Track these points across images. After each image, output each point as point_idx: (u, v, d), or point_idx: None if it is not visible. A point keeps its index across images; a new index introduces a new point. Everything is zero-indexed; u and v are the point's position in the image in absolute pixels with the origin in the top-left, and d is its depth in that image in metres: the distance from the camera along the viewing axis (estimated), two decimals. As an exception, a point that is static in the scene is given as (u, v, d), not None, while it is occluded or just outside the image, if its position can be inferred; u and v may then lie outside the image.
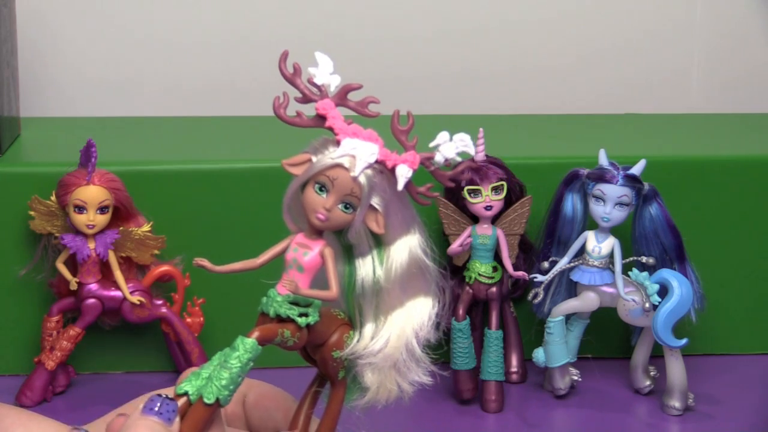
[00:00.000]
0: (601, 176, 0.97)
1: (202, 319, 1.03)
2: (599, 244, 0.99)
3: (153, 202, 1.03)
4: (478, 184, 0.98)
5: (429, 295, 0.58)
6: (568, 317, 1.01)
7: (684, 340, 0.97)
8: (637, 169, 0.98)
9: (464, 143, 0.55)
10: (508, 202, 1.01)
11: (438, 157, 0.56)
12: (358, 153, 0.54)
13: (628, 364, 1.04)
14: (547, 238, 1.02)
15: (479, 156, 0.99)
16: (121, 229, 1.00)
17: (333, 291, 0.55)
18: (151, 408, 0.52)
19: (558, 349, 1.00)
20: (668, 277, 0.97)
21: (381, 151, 0.55)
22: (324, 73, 0.56)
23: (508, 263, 1.00)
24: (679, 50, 1.43)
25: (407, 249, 0.57)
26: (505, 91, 1.40)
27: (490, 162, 0.99)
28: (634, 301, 0.98)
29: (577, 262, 1.00)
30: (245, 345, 0.54)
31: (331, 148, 0.55)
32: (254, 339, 0.54)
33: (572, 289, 1.02)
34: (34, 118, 1.25)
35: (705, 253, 1.07)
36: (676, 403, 0.98)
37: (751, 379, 1.07)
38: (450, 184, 0.57)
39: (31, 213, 0.99)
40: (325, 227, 0.56)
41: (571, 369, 1.02)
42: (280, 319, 0.56)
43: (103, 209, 0.97)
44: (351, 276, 0.57)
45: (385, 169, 0.55)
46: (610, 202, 0.97)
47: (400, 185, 0.55)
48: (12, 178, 1.03)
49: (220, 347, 0.56)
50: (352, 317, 0.59)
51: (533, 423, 0.98)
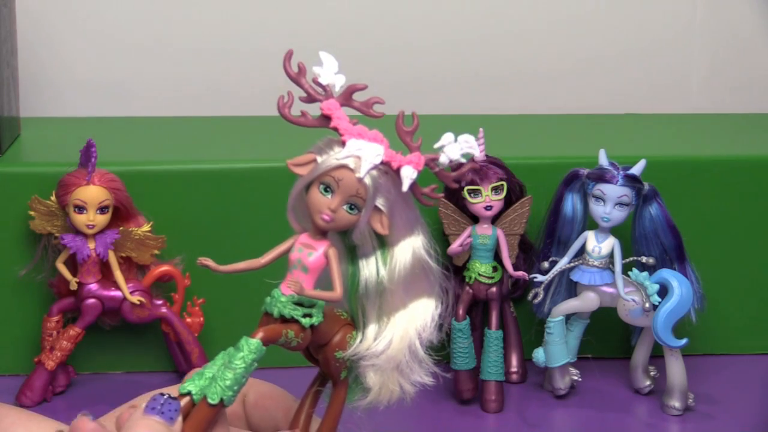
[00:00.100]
0: (601, 176, 0.97)
1: (202, 319, 1.03)
2: (599, 244, 0.99)
3: (153, 202, 1.03)
4: (478, 184, 0.98)
5: (432, 297, 0.58)
6: (568, 317, 1.01)
7: (684, 340, 0.97)
8: (637, 169, 0.98)
9: (469, 144, 0.55)
10: (508, 202, 1.01)
11: (442, 159, 0.55)
12: (363, 154, 0.54)
13: (628, 364, 1.04)
14: (547, 238, 1.02)
15: (479, 156, 0.98)
16: (121, 229, 1.00)
17: (337, 292, 0.55)
18: (153, 407, 0.52)
19: (558, 349, 1.00)
20: (668, 277, 0.97)
21: (386, 152, 0.55)
22: (329, 72, 0.55)
23: (508, 263, 1.00)
24: (679, 50, 1.43)
25: (411, 250, 0.57)
26: (505, 91, 1.40)
27: (490, 162, 0.99)
28: (634, 301, 0.98)
29: (577, 262, 1.00)
30: (250, 346, 0.54)
31: (336, 148, 0.55)
32: (259, 339, 0.54)
33: (572, 289, 1.02)
34: (34, 118, 1.25)
35: (705, 253, 1.07)
36: (676, 403, 0.98)
37: (751, 379, 1.07)
38: (454, 186, 0.57)
39: (31, 213, 0.99)
40: (330, 228, 0.56)
41: (571, 369, 1.02)
42: (284, 320, 0.56)
43: (103, 209, 0.97)
44: (354, 276, 0.57)
45: (389, 170, 0.55)
46: (610, 202, 0.97)
47: (405, 186, 0.55)
48: (12, 178, 1.03)
49: (220, 347, 0.56)
50: (355, 317, 0.58)
51: (533, 423, 0.98)
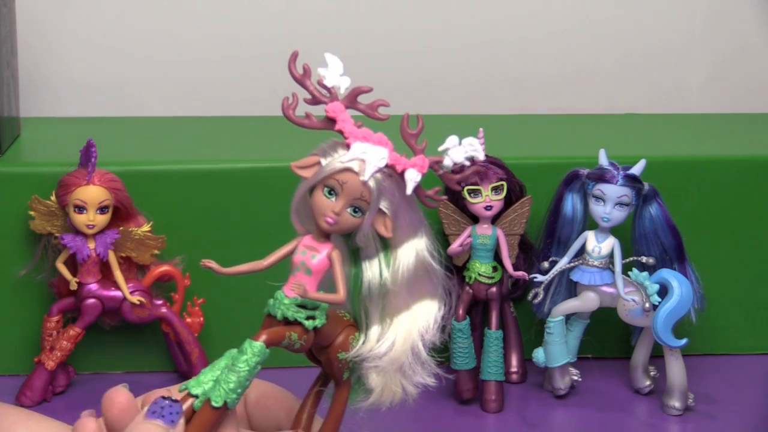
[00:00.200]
0: (601, 176, 0.97)
1: (202, 319, 1.03)
2: (599, 244, 0.99)
3: (153, 202, 1.03)
4: (478, 184, 0.98)
5: (435, 298, 0.58)
6: (568, 317, 1.01)
7: (684, 340, 0.97)
8: (637, 169, 0.98)
9: (473, 147, 0.55)
10: (508, 202, 1.01)
11: (446, 161, 0.55)
12: (368, 157, 0.54)
13: (628, 364, 1.04)
14: (547, 238, 1.02)
15: (481, 156, 0.98)
16: (121, 229, 0.99)
17: (341, 294, 0.55)
18: (154, 411, 0.52)
19: (558, 349, 1.00)
20: (668, 277, 0.97)
21: (391, 156, 0.55)
22: (334, 74, 0.55)
23: (508, 263, 1.00)
24: (679, 50, 1.43)
25: (414, 252, 0.57)
26: (506, 92, 1.40)
27: (490, 162, 0.99)
28: (634, 301, 0.98)
29: (577, 262, 1.00)
30: (253, 348, 0.54)
31: (340, 151, 0.55)
32: (262, 342, 0.54)
33: (572, 289, 1.02)
34: (34, 118, 1.25)
35: (705, 253, 1.07)
36: (676, 403, 0.98)
37: (751, 379, 1.07)
38: (458, 188, 0.57)
39: (31, 213, 0.99)
40: (334, 231, 0.56)
41: (571, 369, 1.02)
42: (288, 322, 0.55)
43: (103, 209, 0.97)
44: (357, 278, 0.57)
45: (394, 173, 0.55)
46: (610, 202, 0.97)
47: (409, 189, 0.55)
48: (12, 178, 1.02)
49: (220, 347, 0.56)
50: (358, 319, 0.58)
51: (533, 423, 0.98)
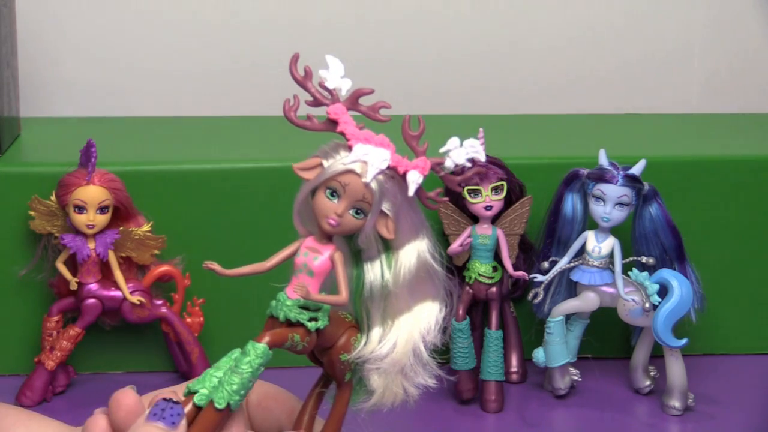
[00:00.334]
0: (601, 176, 0.97)
1: (202, 319, 1.03)
2: (599, 244, 0.99)
3: (153, 202, 1.03)
4: (478, 184, 0.98)
5: (437, 300, 0.58)
6: (568, 317, 1.01)
7: (684, 340, 0.97)
8: (637, 169, 0.98)
9: (474, 149, 0.55)
10: (508, 202, 1.01)
11: (448, 163, 0.55)
12: (370, 159, 0.54)
13: (628, 364, 1.04)
14: (547, 238, 1.02)
15: (483, 158, 0.98)
16: (121, 229, 0.99)
17: (343, 296, 0.55)
18: (155, 414, 0.52)
19: (558, 349, 1.00)
20: (668, 277, 0.97)
21: (392, 157, 0.55)
22: (335, 76, 0.55)
23: (508, 263, 1.00)
24: (679, 50, 1.43)
25: (416, 253, 0.57)
26: (505, 91, 1.40)
27: (490, 162, 0.99)
28: (634, 301, 0.98)
29: (577, 262, 1.00)
30: (256, 350, 0.54)
31: (342, 153, 0.55)
32: (265, 344, 0.54)
33: (572, 289, 1.02)
34: (34, 118, 1.25)
35: (705, 253, 1.07)
36: (676, 403, 0.98)
37: (751, 379, 1.07)
38: (459, 189, 0.57)
39: (31, 213, 0.99)
40: (337, 232, 0.56)
41: (571, 369, 1.02)
42: (290, 324, 0.55)
43: (103, 209, 0.97)
44: (359, 279, 0.57)
45: (396, 175, 0.55)
46: (610, 202, 0.97)
47: (411, 191, 0.55)
48: (12, 178, 1.02)
49: (220, 347, 0.56)
50: (359, 320, 0.58)
51: (533, 423, 0.99)
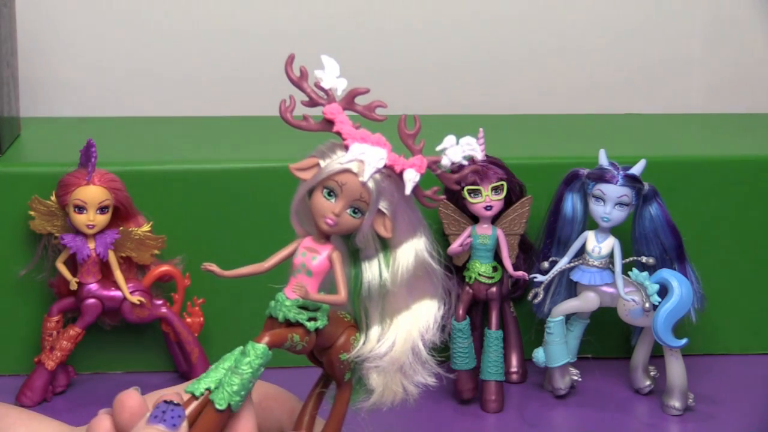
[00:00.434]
0: (601, 176, 0.97)
1: (202, 319, 1.03)
2: (599, 244, 0.99)
3: (153, 202, 1.03)
4: (478, 184, 0.98)
5: (435, 298, 0.58)
6: (568, 317, 1.01)
7: (684, 340, 0.97)
8: (637, 169, 0.98)
9: (471, 147, 0.55)
10: (508, 202, 1.01)
11: (444, 161, 0.56)
12: (366, 158, 0.54)
13: (628, 364, 1.04)
14: (547, 238, 1.02)
15: (479, 156, 0.98)
16: (121, 229, 0.99)
17: (342, 295, 0.55)
18: (156, 416, 0.52)
19: (558, 349, 1.00)
20: (668, 277, 0.97)
21: (389, 156, 0.55)
22: (331, 76, 0.55)
23: (508, 263, 1.00)
24: (679, 50, 1.43)
25: (413, 252, 0.57)
26: (505, 91, 1.40)
27: (490, 162, 0.99)
28: (634, 301, 0.98)
29: (577, 262, 1.00)
30: (256, 350, 0.54)
31: (339, 152, 0.55)
32: (265, 344, 0.54)
33: (572, 289, 1.02)
34: (34, 118, 1.25)
35: (705, 253, 1.07)
36: (676, 403, 0.98)
37: (751, 379, 1.07)
38: (456, 188, 0.58)
39: (31, 213, 0.99)
40: (334, 232, 0.56)
41: (571, 369, 1.02)
42: (289, 324, 0.55)
43: (103, 209, 0.97)
44: (357, 279, 0.57)
45: (392, 174, 0.55)
46: (610, 202, 0.97)
47: (408, 190, 0.55)
48: (12, 178, 1.02)
49: (220, 347, 0.56)
50: (358, 320, 0.58)
51: (533, 423, 0.98)
